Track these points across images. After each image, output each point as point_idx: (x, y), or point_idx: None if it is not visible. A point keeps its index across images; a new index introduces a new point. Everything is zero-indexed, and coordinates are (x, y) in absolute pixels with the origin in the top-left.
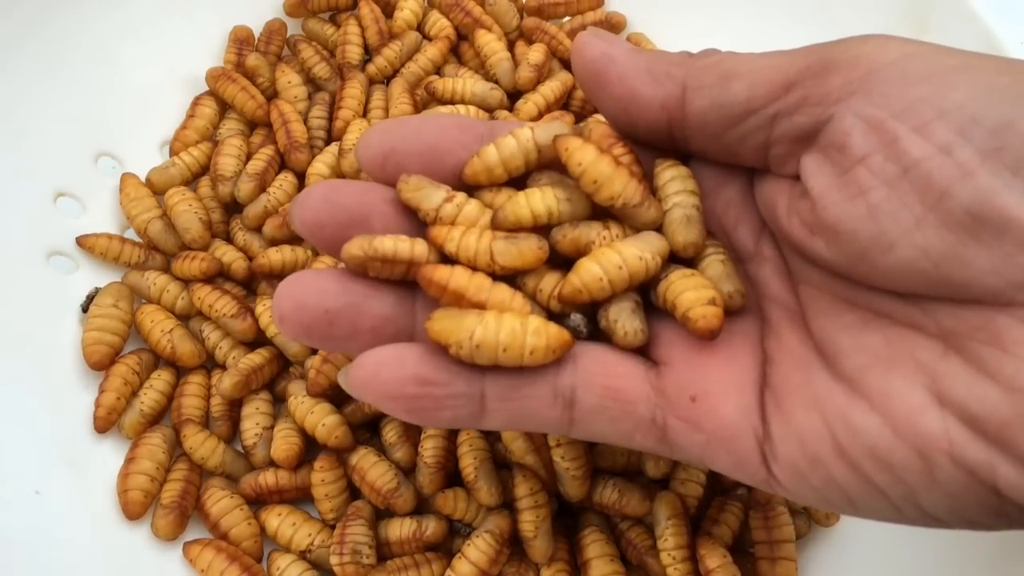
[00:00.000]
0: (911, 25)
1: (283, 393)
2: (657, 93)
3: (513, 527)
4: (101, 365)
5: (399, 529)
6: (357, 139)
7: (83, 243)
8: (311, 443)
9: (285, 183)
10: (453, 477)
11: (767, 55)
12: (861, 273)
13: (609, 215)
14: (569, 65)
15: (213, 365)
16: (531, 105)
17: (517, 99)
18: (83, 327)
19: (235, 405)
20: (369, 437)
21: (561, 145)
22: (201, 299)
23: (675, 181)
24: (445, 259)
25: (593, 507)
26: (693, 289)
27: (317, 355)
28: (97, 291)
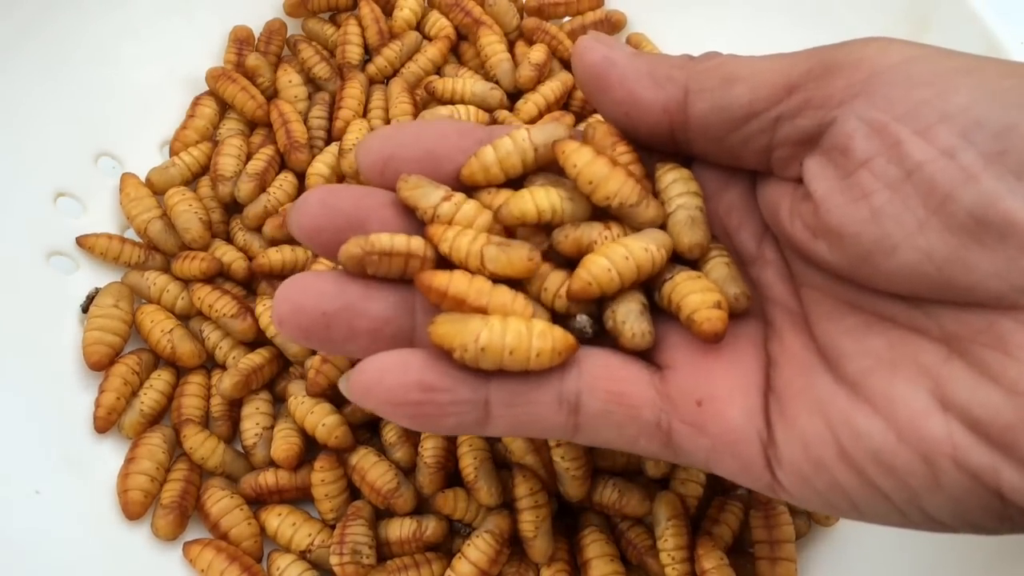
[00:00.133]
0: (911, 25)
1: (283, 393)
2: (659, 96)
3: (513, 527)
4: (100, 365)
5: (399, 529)
6: (357, 139)
7: (83, 243)
8: (311, 443)
9: (285, 183)
10: (453, 477)
11: (769, 58)
12: (864, 276)
13: (610, 216)
14: (569, 65)
15: (213, 365)
16: (531, 105)
17: (517, 99)
18: (83, 327)
19: (235, 405)
20: (369, 437)
21: (558, 148)
22: (201, 299)
23: (677, 183)
24: (441, 257)
25: (593, 507)
26: (699, 292)
27: (317, 355)
28: (97, 291)
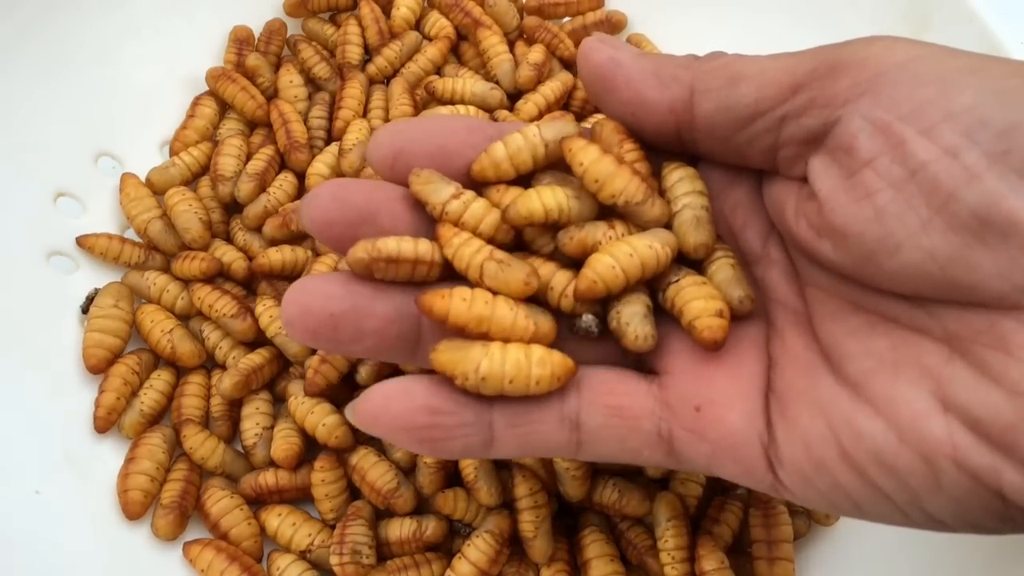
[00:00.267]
0: (911, 25)
1: (283, 393)
2: (664, 96)
3: (513, 527)
4: (98, 369)
5: (399, 529)
6: (357, 139)
7: (83, 243)
8: (311, 443)
9: (285, 183)
10: (453, 477)
11: (774, 57)
12: (867, 275)
13: (617, 215)
14: (569, 65)
15: (213, 365)
16: (531, 105)
17: (517, 99)
18: (84, 328)
19: (235, 405)
20: (369, 437)
21: (565, 146)
22: (201, 299)
23: (683, 182)
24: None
25: (593, 507)
26: (703, 298)
27: (315, 355)
28: (97, 292)
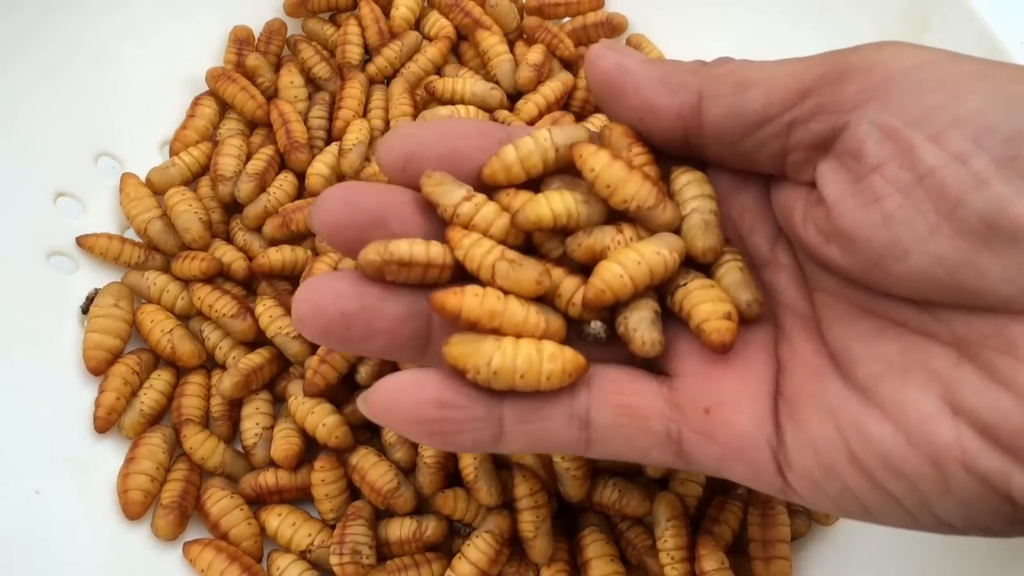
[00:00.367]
0: (911, 25)
1: (283, 393)
2: (672, 102)
3: (513, 527)
4: (99, 371)
5: (399, 529)
6: (357, 139)
7: (83, 243)
8: (311, 443)
9: (285, 183)
10: (453, 477)
11: (782, 63)
12: (876, 280)
13: (624, 218)
14: (569, 65)
15: (213, 365)
16: (531, 105)
17: (517, 100)
18: (84, 328)
19: (235, 405)
20: (369, 437)
21: (576, 151)
22: (201, 299)
23: (691, 186)
24: (459, 262)
25: (593, 507)
26: (711, 301)
27: (315, 356)
28: (96, 292)
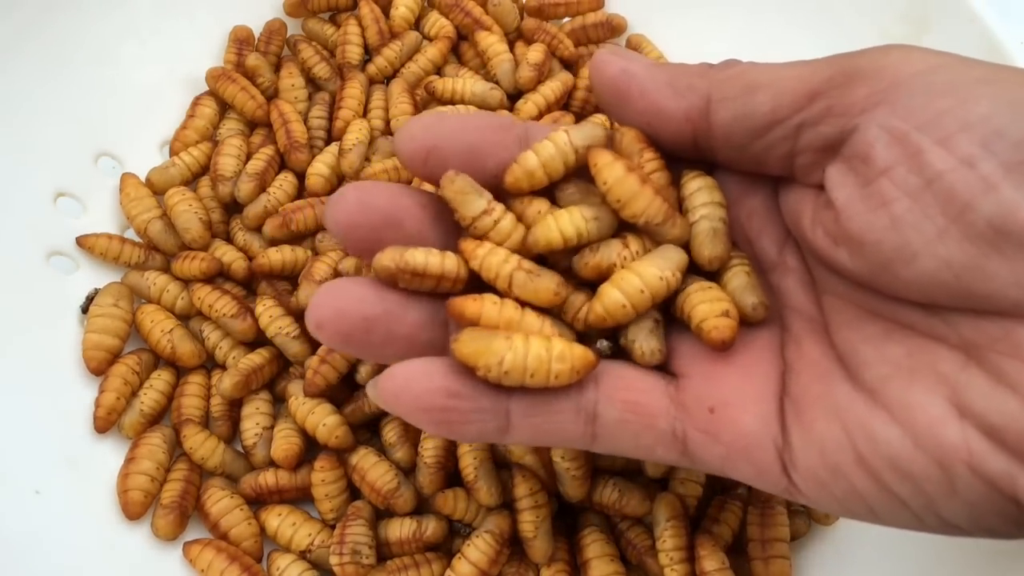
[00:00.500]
0: (911, 25)
1: (283, 393)
2: (680, 106)
3: (513, 527)
4: (100, 371)
5: (399, 529)
6: (357, 139)
7: (83, 243)
8: (311, 443)
9: (285, 183)
10: (453, 477)
11: (790, 65)
12: (884, 284)
13: (632, 228)
14: (569, 65)
15: (213, 365)
16: (531, 105)
17: (517, 99)
18: (83, 328)
19: (235, 405)
20: (369, 437)
21: (591, 160)
22: (201, 299)
23: (702, 192)
24: (473, 273)
25: (593, 507)
26: (708, 301)
27: (315, 356)
28: (97, 292)
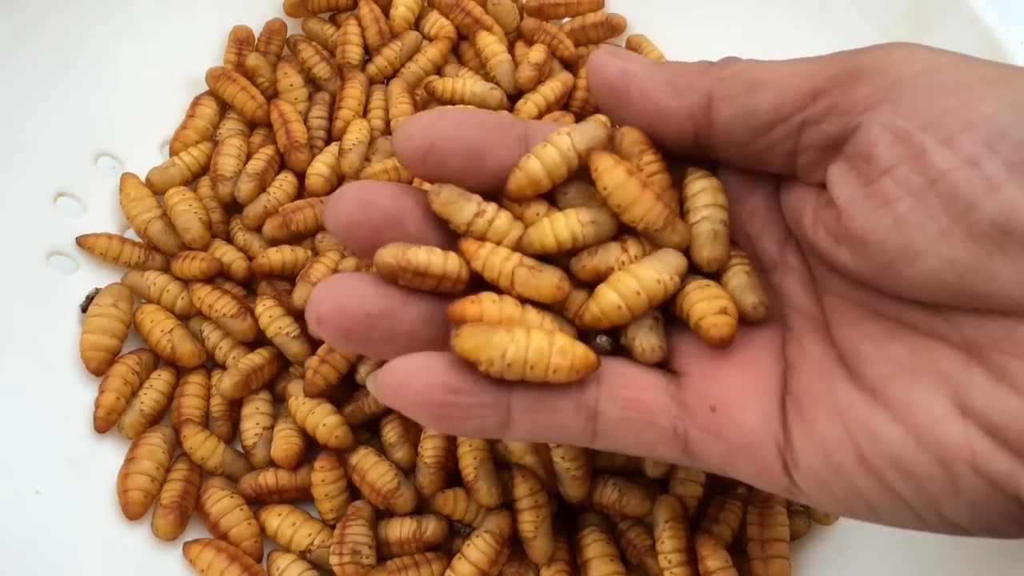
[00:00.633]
0: (911, 25)
1: (283, 393)
2: (682, 105)
3: (513, 527)
4: (100, 371)
5: (399, 529)
6: (357, 139)
7: (83, 243)
8: (311, 443)
9: (285, 183)
10: (453, 477)
11: (792, 63)
12: (886, 283)
13: (631, 231)
14: (569, 65)
15: (213, 365)
16: (531, 105)
17: (517, 100)
18: (82, 327)
19: (235, 405)
20: (369, 437)
21: (592, 164)
22: (201, 299)
23: (705, 193)
24: (474, 272)
25: (593, 507)
26: (706, 299)
27: (315, 356)
28: (97, 291)
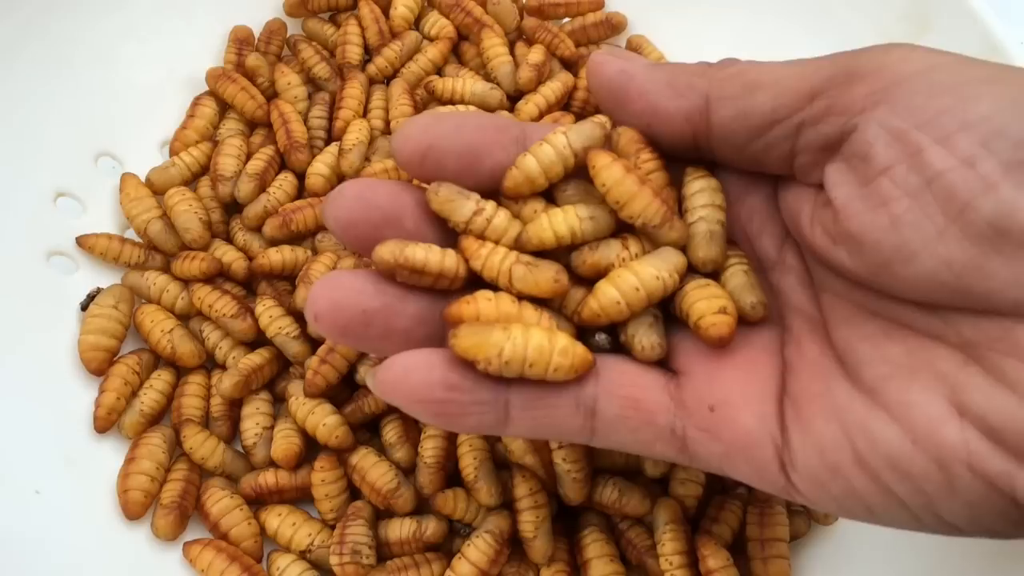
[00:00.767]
0: (911, 25)
1: (283, 393)
2: (681, 106)
3: (513, 527)
4: (100, 371)
5: (399, 529)
6: (357, 139)
7: (83, 243)
8: (311, 443)
9: (285, 183)
10: (453, 477)
11: (790, 64)
12: (883, 283)
13: (632, 229)
14: (569, 65)
15: (213, 365)
16: (532, 105)
17: (517, 100)
18: (81, 328)
19: (235, 405)
20: (369, 437)
21: (590, 161)
22: (201, 299)
23: (703, 193)
24: (472, 271)
25: (593, 507)
26: (705, 299)
27: (315, 356)
28: (99, 290)
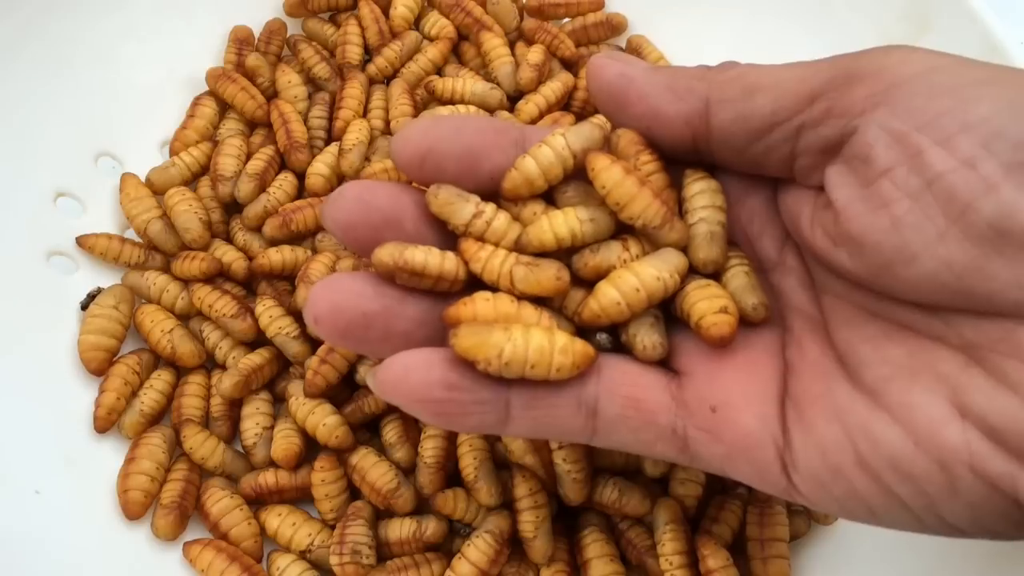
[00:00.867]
0: (910, 25)
1: (283, 393)
2: (681, 109)
3: (513, 527)
4: (100, 371)
5: (399, 529)
6: (357, 139)
7: (83, 243)
8: (311, 443)
9: (285, 183)
10: (453, 477)
11: (789, 66)
12: (884, 285)
13: (632, 230)
14: (569, 65)
15: (213, 365)
16: (532, 106)
17: (517, 100)
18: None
19: (235, 405)
20: (369, 437)
21: (589, 163)
22: (201, 299)
23: (704, 195)
24: (472, 274)
25: (593, 507)
26: (706, 299)
27: (315, 356)
28: (99, 290)
